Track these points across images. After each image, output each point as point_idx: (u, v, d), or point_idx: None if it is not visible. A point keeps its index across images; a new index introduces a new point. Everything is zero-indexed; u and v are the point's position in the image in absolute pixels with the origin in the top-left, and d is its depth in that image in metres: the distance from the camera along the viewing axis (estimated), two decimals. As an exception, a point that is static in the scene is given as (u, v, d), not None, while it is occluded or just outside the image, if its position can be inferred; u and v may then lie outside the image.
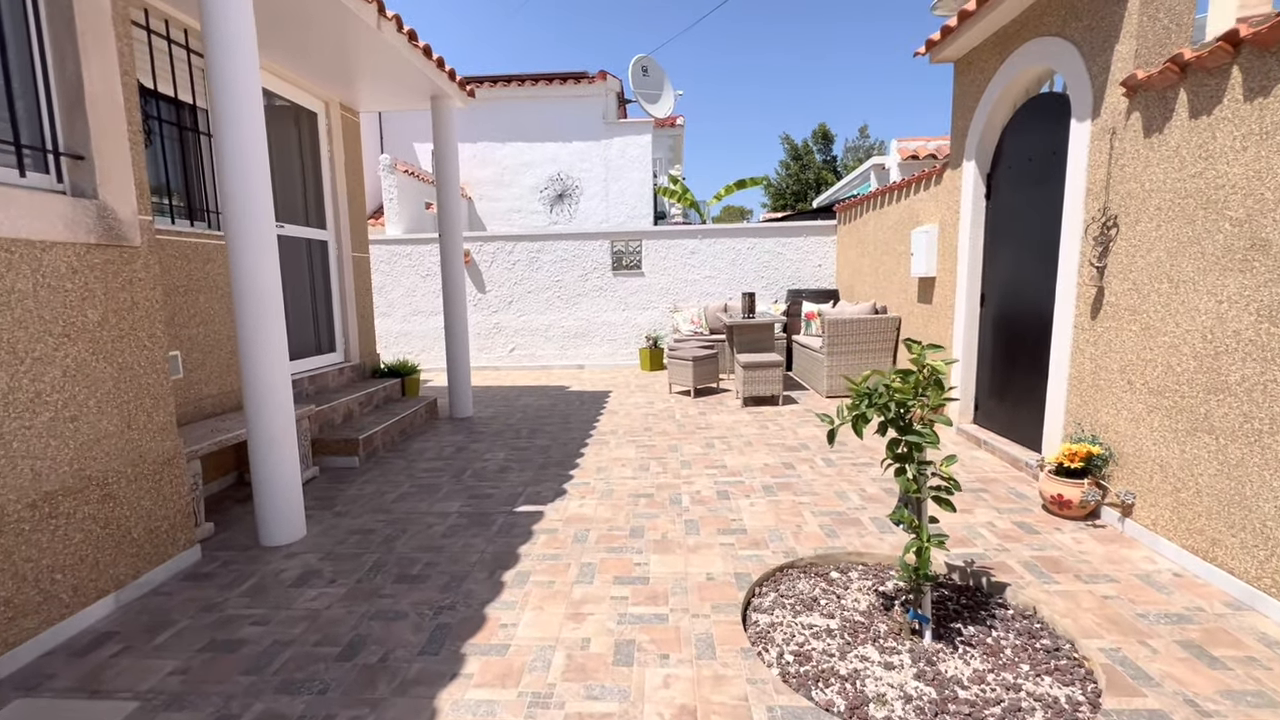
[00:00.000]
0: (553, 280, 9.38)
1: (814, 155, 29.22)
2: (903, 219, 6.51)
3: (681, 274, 9.29)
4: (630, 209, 12.57)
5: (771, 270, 9.22)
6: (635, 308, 9.38)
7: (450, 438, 5.67)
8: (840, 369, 6.71)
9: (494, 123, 12.42)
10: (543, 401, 7.21)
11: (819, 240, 9.10)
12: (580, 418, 6.33)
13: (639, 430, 5.74)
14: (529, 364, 9.54)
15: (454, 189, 6.23)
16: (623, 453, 5.04)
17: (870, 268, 7.59)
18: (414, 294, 9.44)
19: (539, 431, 5.81)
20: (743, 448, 5.07)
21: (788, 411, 6.29)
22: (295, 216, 5.57)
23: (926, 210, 5.90)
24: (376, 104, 6.32)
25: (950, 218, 5.39)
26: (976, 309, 5.10)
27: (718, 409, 6.51)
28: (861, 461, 4.63)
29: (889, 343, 6.66)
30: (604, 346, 9.47)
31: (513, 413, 6.66)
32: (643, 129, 12.44)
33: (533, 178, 12.57)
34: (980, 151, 4.92)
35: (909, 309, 6.35)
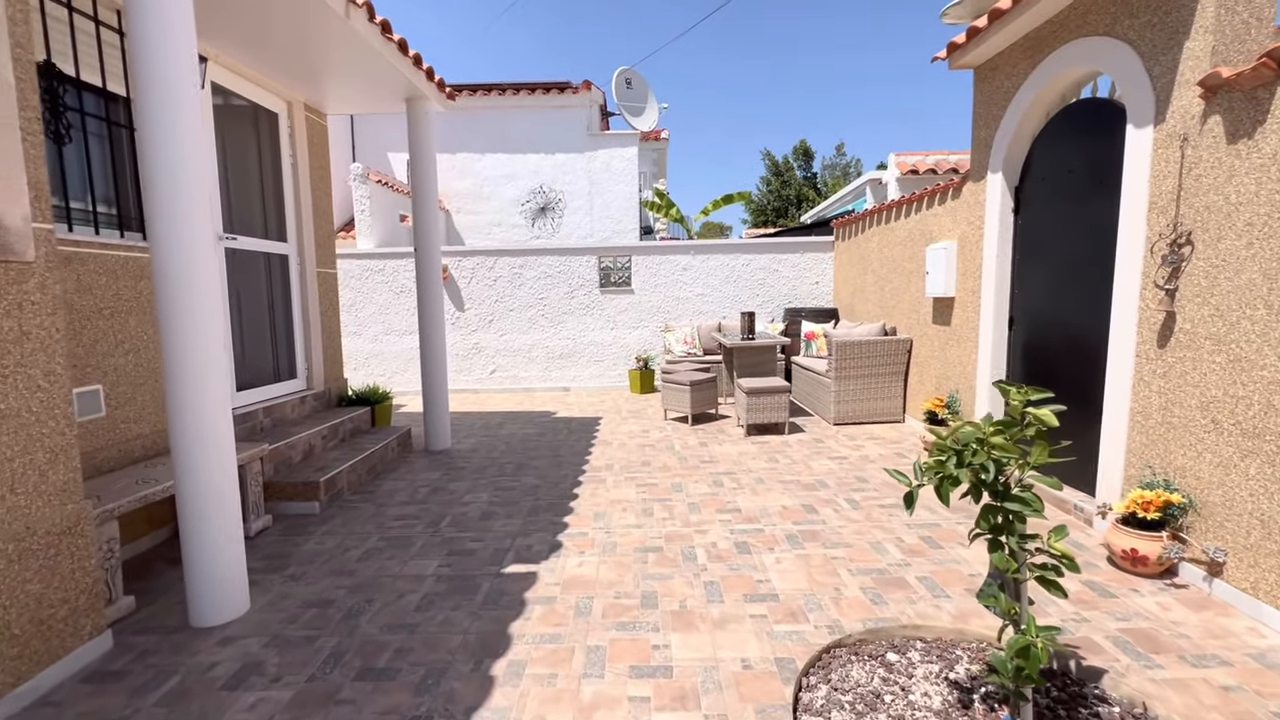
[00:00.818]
0: (536, 298, 8.84)
1: (795, 172, 29.26)
2: (914, 235, 6.14)
3: (673, 291, 8.83)
4: (615, 224, 12.13)
5: (767, 288, 8.81)
6: (624, 327, 8.88)
7: (426, 475, 5.07)
8: (850, 394, 6.27)
9: (474, 133, 11.91)
10: (528, 430, 6.63)
11: (816, 257, 8.73)
12: (571, 449, 5.77)
13: (636, 464, 5.21)
14: (511, 386, 8.95)
15: (431, 200, 5.69)
16: (622, 493, 4.50)
17: (874, 286, 7.21)
18: (387, 311, 8.81)
19: (526, 467, 5.23)
20: (754, 486, 4.57)
21: (795, 442, 5.82)
22: (252, 228, 4.96)
23: (943, 226, 5.53)
24: (346, 105, 5.77)
25: (972, 234, 5.01)
26: (1004, 333, 4.71)
27: (719, 438, 6.01)
28: (889, 503, 4.16)
29: (900, 366, 6.25)
30: (591, 368, 8.94)
31: (495, 444, 6.07)
32: (628, 141, 12.04)
33: (514, 190, 12.06)
34: (1008, 163, 4.55)
35: (922, 330, 5.96)
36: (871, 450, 5.46)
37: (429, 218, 5.68)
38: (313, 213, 5.59)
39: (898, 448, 5.51)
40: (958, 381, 5.28)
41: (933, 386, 5.74)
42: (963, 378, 5.19)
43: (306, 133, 5.53)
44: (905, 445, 5.58)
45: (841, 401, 6.28)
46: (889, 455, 5.29)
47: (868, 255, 7.41)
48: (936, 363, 5.66)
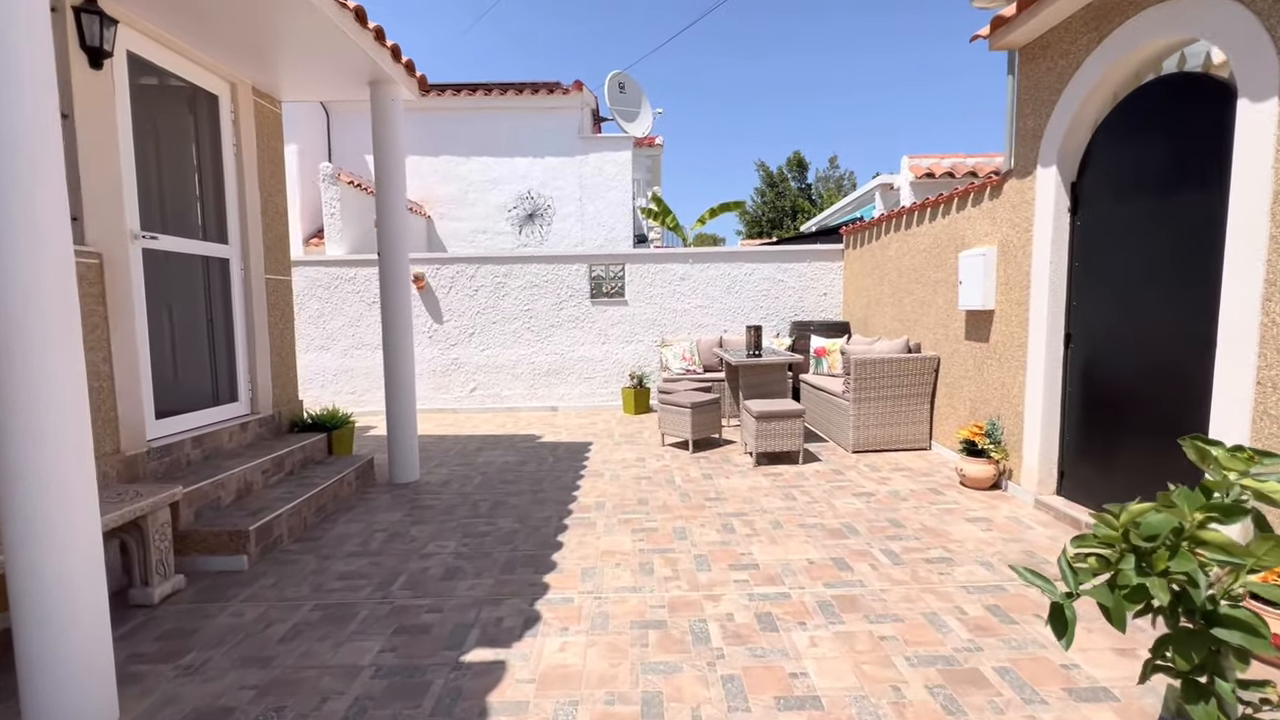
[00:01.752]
0: (521, 309, 8.14)
1: (789, 183, 28.86)
2: (940, 241, 5.51)
3: (670, 303, 8.16)
4: (608, 231, 11.49)
5: (771, 300, 8.17)
6: (617, 341, 8.19)
7: (385, 516, 4.33)
8: (870, 418, 5.60)
9: (457, 135, 11.26)
10: (509, 457, 5.90)
11: (824, 266, 8.11)
12: (555, 482, 5.05)
13: (632, 502, 4.49)
14: (493, 405, 8.22)
15: (397, 198, 5.00)
16: (615, 541, 3.78)
17: (891, 297, 6.57)
18: (358, 324, 8.08)
19: (503, 505, 4.50)
20: (771, 532, 3.87)
21: (812, 474, 5.13)
22: (184, 226, 4.25)
23: (978, 230, 4.91)
24: (302, 90, 5.08)
25: (1017, 238, 4.38)
26: (1060, 351, 4.06)
27: (725, 469, 5.31)
28: (935, 555, 3.47)
29: (926, 387, 5.60)
30: (580, 385, 8.23)
31: (470, 474, 5.34)
32: (621, 145, 11.44)
33: (500, 196, 11.40)
34: (1063, 156, 3.93)
35: (952, 347, 5.31)
36: (900, 484, 4.78)
37: (395, 219, 4.99)
38: (261, 212, 4.88)
39: (929, 481, 4.83)
40: (998, 406, 4.62)
41: (966, 411, 5.08)
42: (1005, 402, 4.53)
43: (255, 120, 4.84)
44: (938, 479, 4.90)
45: (861, 427, 5.61)
46: (921, 490, 4.61)
47: (884, 264, 6.78)
48: (971, 384, 5.01)
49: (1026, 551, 3.50)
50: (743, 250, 8.12)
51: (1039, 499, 4.14)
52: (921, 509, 4.22)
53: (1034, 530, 3.81)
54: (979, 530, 3.82)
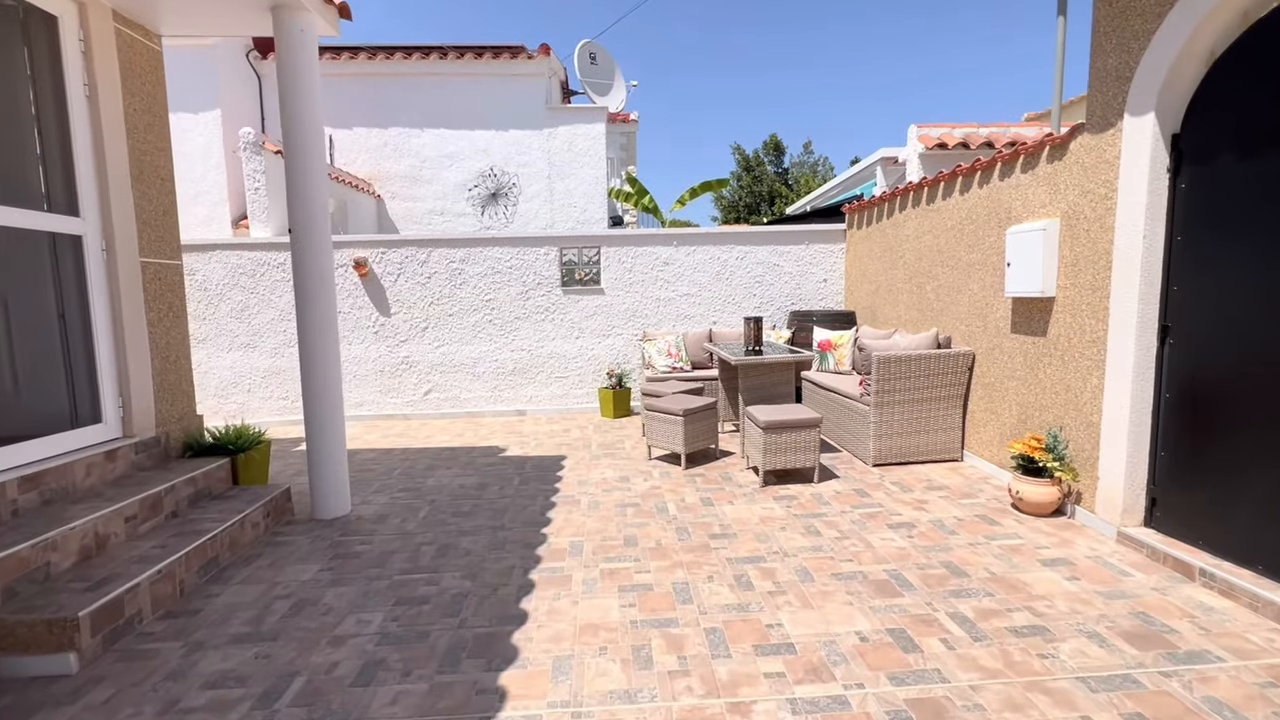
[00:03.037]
0: (481, 299, 7.10)
1: (766, 167, 28.03)
2: (976, 216, 4.67)
3: (652, 291, 7.21)
4: (580, 213, 10.47)
5: (765, 287, 7.28)
6: (593, 335, 7.22)
7: (296, 571, 3.32)
8: (894, 425, 4.76)
9: (409, 104, 10.08)
10: (465, 478, 4.91)
11: (824, 249, 7.25)
12: (520, 514, 4.09)
13: (617, 543, 3.57)
14: (451, 411, 7.18)
15: (312, 157, 3.93)
16: (597, 607, 2.85)
17: (908, 284, 5.74)
18: (290, 318, 6.95)
19: (452, 550, 3.53)
20: (801, 587, 2.99)
21: (831, 494, 4.26)
22: (15, 193, 3.14)
23: (1032, 200, 4.07)
24: (184, 18, 3.95)
25: (1090, 208, 3.55)
26: (1152, 348, 3.24)
27: (727, 491, 4.42)
28: (1021, 621, 2.63)
29: (958, 388, 4.78)
30: (552, 386, 7.25)
31: (416, 503, 4.34)
32: (594, 116, 10.40)
33: (459, 173, 10.27)
34: (1165, 100, 3.09)
35: (992, 342, 4.49)
36: (941, 509, 3.95)
37: (311, 186, 3.92)
38: (131, 177, 3.77)
39: (975, 505, 4.01)
40: (1061, 414, 3.81)
41: (1013, 418, 4.27)
42: (1072, 409, 3.72)
43: (119, 56, 3.71)
44: (984, 501, 4.08)
45: (884, 436, 4.76)
46: (969, 518, 3.78)
47: (898, 245, 5.94)
48: (1020, 386, 4.19)
49: (1138, 614, 2.68)
50: (733, 231, 7.21)
51: (1123, 531, 3.34)
52: (979, 546, 3.39)
53: (1132, 579, 2.99)
54: (1062, 579, 3.00)
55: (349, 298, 6.98)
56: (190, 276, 6.79)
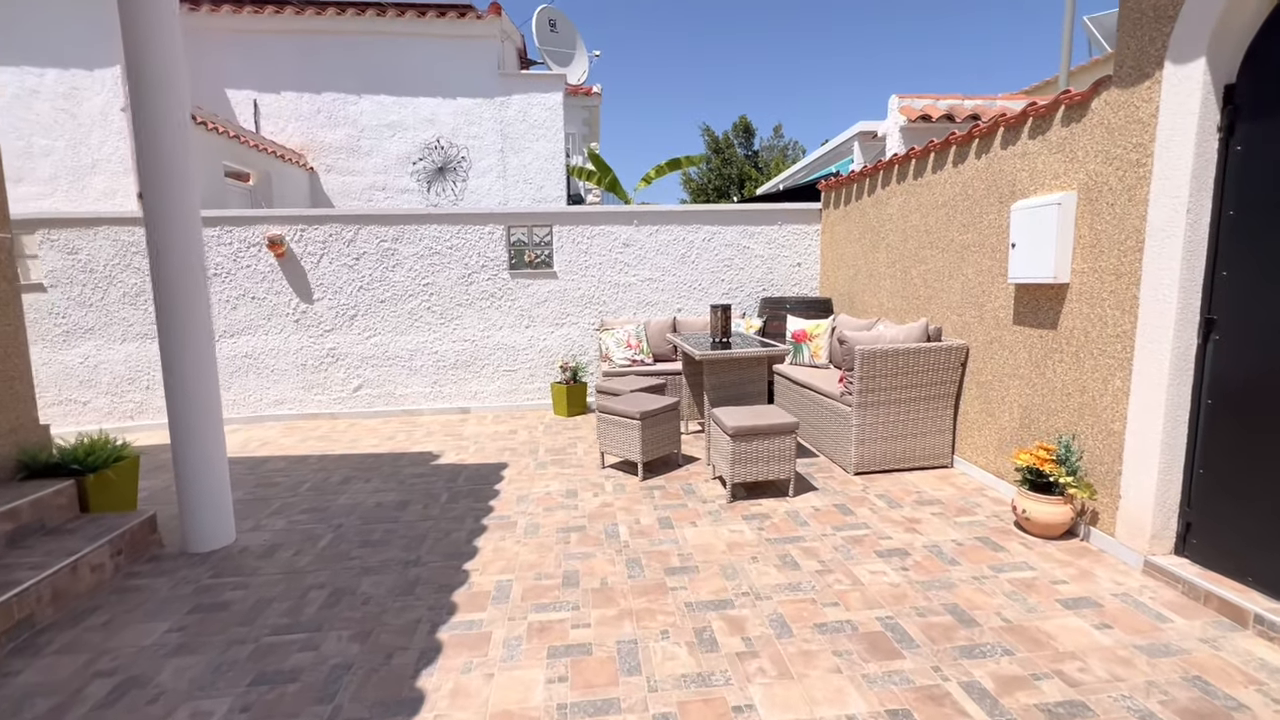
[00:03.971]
0: (419, 283, 6.31)
1: (736, 149, 27.39)
2: (972, 191, 4.10)
3: (610, 275, 6.52)
4: (536, 190, 9.67)
5: (735, 271, 6.66)
6: (544, 323, 6.51)
7: (134, 632, 2.58)
8: (878, 428, 4.21)
9: (345, 66, 9.10)
10: (385, 494, 4.19)
11: (798, 231, 6.65)
12: (441, 543, 3.40)
13: (553, 585, 2.92)
14: (385, 408, 6.41)
15: (170, 103, 3.12)
16: (515, 687, 2.20)
17: (891, 268, 5.18)
18: (194, 304, 6.04)
19: (346, 598, 2.83)
20: (777, 645, 2.39)
21: (809, 512, 3.69)
22: None
23: (1042, 170, 3.50)
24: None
25: (1117, 178, 2.99)
26: (1192, 347, 2.72)
27: (690, 508, 3.81)
28: (1051, 693, 2.07)
29: (949, 386, 4.24)
30: (499, 380, 6.53)
31: (318, 530, 3.61)
32: (551, 85, 9.58)
33: (402, 144, 9.36)
34: (1216, 44, 2.53)
35: (990, 334, 3.95)
36: (936, 530, 3.40)
37: (165, 138, 3.11)
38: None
39: (974, 523, 3.48)
40: (1074, 419, 3.29)
41: (1014, 421, 3.75)
42: (1088, 414, 3.20)
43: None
44: (984, 519, 3.55)
45: (867, 440, 4.20)
46: (970, 541, 3.24)
47: (880, 225, 5.36)
48: (1023, 386, 3.66)
49: (1193, 679, 2.15)
50: (700, 209, 6.55)
51: (1151, 561, 2.83)
52: (986, 581, 2.84)
53: (1173, 625, 2.48)
54: (1091, 628, 2.47)
55: (264, 281, 6.11)
56: (72, 256, 5.84)
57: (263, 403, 6.25)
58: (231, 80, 8.96)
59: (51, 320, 5.89)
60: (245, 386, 6.21)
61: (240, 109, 9.04)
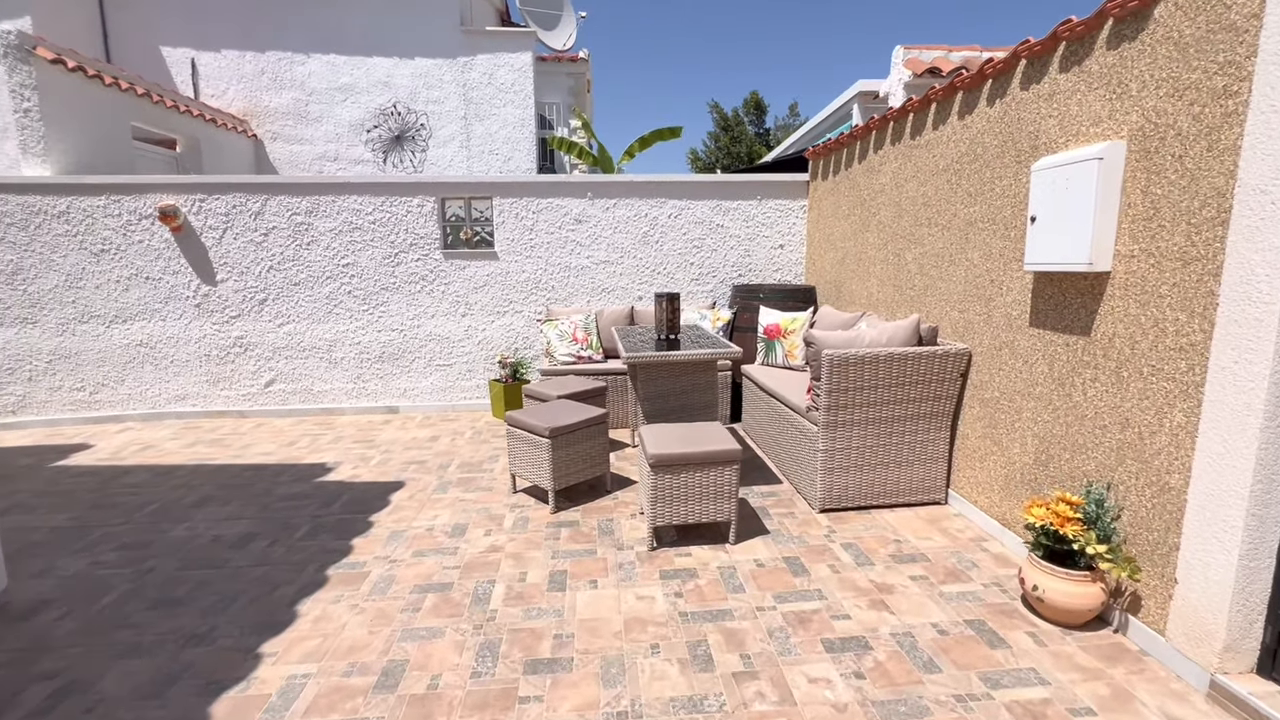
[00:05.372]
0: (338, 263, 5.48)
1: (746, 126, 26.11)
2: (984, 148, 3.15)
3: (560, 256, 5.63)
4: (503, 161, 8.77)
5: (706, 253, 5.74)
6: (483, 311, 5.66)
7: None
8: (851, 454, 3.31)
9: (292, 24, 8.23)
10: (234, 525, 3.38)
11: (781, 207, 5.70)
12: (254, 608, 2.59)
13: (360, 687, 2.09)
14: (303, 405, 5.62)
15: None
16: None
17: (881, 250, 4.24)
18: (80, 284, 5.28)
19: (68, 698, 2.03)
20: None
21: (751, 570, 2.81)
22: None
23: (1076, 113, 2.55)
24: None
25: (1187, 117, 2.04)
26: (1304, 370, 1.79)
27: (598, 558, 2.95)
28: None
29: (944, 402, 3.32)
30: (432, 376, 5.70)
31: (115, 578, 2.82)
32: (520, 44, 8.62)
33: (355, 110, 8.50)
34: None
35: (1000, 338, 3.02)
36: (914, 606, 2.51)
37: None
38: None
39: (966, 597, 2.58)
40: (1110, 463, 2.37)
41: (1028, 456, 2.84)
42: (1132, 458, 2.28)
43: None
44: (979, 586, 2.66)
45: (836, 469, 3.31)
46: (960, 627, 2.36)
47: (872, 198, 4.41)
48: (1040, 409, 2.74)
49: None
50: (665, 180, 5.61)
51: (1220, 682, 1.93)
52: (975, 708, 1.96)
53: (1265, 812, 1.58)
54: (1134, 811, 1.58)
55: (159, 259, 5.32)
56: (-61, 227, 5.08)
57: (162, 398, 5.49)
58: (166, 37, 8.13)
59: (-82, 301, 5.16)
60: (141, 379, 5.45)
61: (177, 70, 8.21)
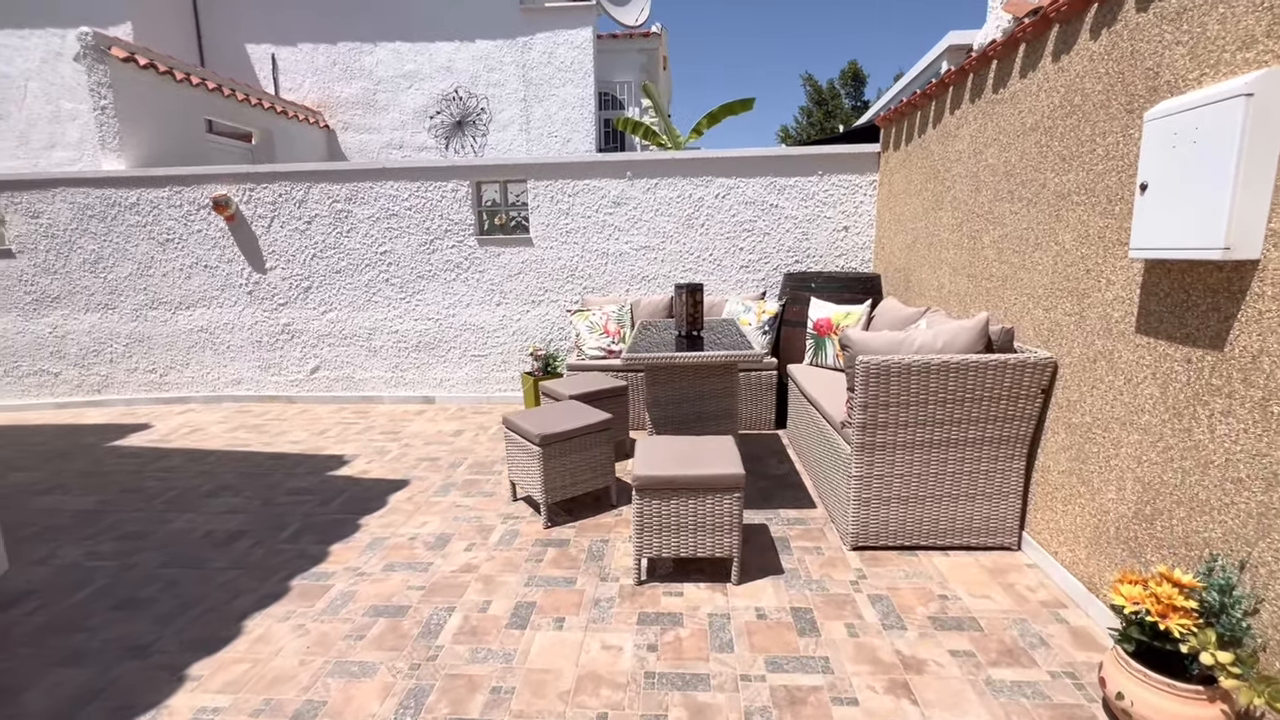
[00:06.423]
0: (376, 251, 5.43)
1: (841, 100, 24.43)
2: (1083, 98, 2.41)
3: (597, 241, 5.26)
4: (562, 144, 8.51)
5: (758, 236, 5.15)
6: (518, 300, 5.41)
7: None
8: (894, 481, 2.71)
9: (361, 13, 8.36)
10: (231, 518, 3.34)
11: (846, 183, 4.99)
12: (203, 621, 2.45)
13: (267, 730, 1.86)
14: (345, 393, 5.67)
15: None
16: None
17: (955, 232, 3.51)
18: (149, 272, 5.58)
19: None
20: None
21: (748, 622, 2.33)
22: None
23: (1218, 36, 1.82)
24: None
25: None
26: None
27: (576, 590, 2.58)
28: None
29: (1019, 423, 2.63)
30: (467, 367, 5.55)
31: (100, 571, 2.81)
32: (579, 19, 8.27)
33: (419, 96, 8.54)
34: None
35: (1095, 346, 2.31)
36: (949, 695, 1.94)
37: None
38: None
39: (1023, 686, 1.97)
40: (1247, 531, 1.68)
41: (1126, 505, 2.14)
42: (1277, 530, 1.58)
43: None
44: (1045, 677, 2.03)
45: (872, 500, 2.73)
46: (1003, 732, 1.77)
47: (946, 169, 3.67)
48: (1146, 444, 2.04)
49: None
50: (711, 156, 5.07)
51: None
52: None
53: None
54: None
55: (215, 248, 5.50)
56: (35, 220, 5.52)
57: (220, 382, 5.73)
58: (249, 35, 8.51)
59: (21, 288, 5.65)
60: (203, 363, 5.71)
61: (260, 66, 8.60)
